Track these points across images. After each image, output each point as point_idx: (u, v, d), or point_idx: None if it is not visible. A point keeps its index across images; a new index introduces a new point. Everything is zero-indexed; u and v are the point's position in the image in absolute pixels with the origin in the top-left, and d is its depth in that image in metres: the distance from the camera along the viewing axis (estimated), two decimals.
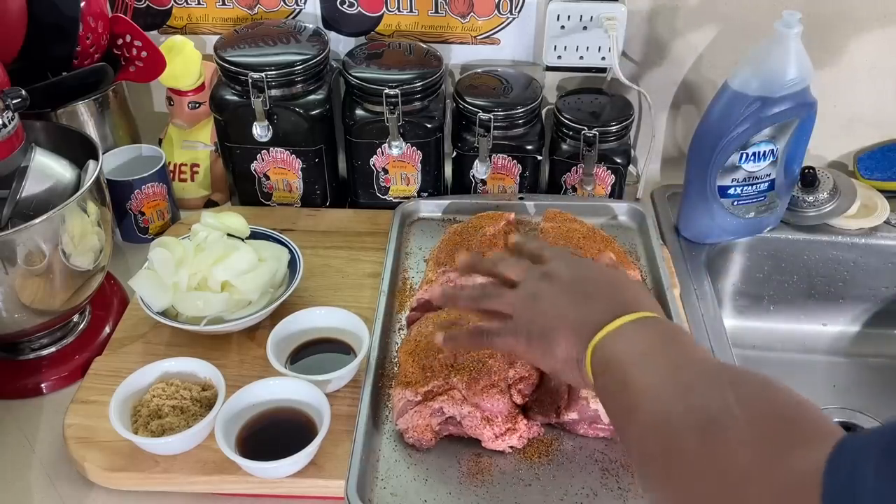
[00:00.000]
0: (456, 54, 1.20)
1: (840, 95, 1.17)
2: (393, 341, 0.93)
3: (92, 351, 0.94)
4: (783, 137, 1.04)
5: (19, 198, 0.85)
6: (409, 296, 0.98)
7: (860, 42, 1.14)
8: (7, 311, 0.85)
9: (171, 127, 1.18)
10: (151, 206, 1.10)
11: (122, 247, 1.12)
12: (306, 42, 1.09)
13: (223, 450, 0.76)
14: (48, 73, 1.01)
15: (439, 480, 0.78)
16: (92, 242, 0.88)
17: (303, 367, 0.89)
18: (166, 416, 0.81)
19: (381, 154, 1.10)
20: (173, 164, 1.17)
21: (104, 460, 0.80)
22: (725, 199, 1.08)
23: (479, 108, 1.06)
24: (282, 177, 1.13)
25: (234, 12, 1.18)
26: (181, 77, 1.13)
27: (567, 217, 1.00)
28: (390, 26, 1.18)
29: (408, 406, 0.80)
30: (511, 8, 1.15)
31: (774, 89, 0.98)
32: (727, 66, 1.05)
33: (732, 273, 1.18)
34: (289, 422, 0.82)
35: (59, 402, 0.89)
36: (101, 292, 0.95)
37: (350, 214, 1.15)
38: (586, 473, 0.79)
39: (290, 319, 0.91)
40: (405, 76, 1.06)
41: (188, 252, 0.94)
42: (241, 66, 1.04)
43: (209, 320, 0.91)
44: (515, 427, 0.79)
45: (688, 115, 1.23)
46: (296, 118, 1.07)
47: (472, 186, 1.14)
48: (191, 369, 0.86)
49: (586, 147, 1.07)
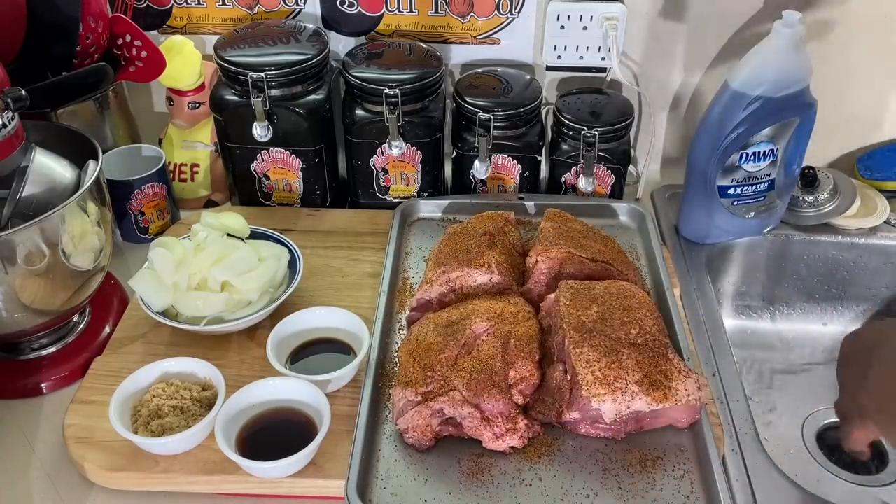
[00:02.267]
0: (456, 54, 1.20)
1: (840, 95, 1.17)
2: (393, 341, 0.93)
3: (92, 351, 0.94)
4: (783, 137, 1.04)
5: (19, 198, 0.85)
6: (409, 296, 0.98)
7: (860, 42, 1.14)
8: (7, 311, 0.85)
9: (171, 127, 1.18)
10: (151, 206, 1.10)
11: (122, 247, 1.12)
12: (306, 42, 1.09)
13: (223, 450, 0.76)
14: (48, 73, 1.01)
15: (439, 480, 0.78)
16: (92, 242, 0.88)
17: (303, 367, 0.89)
18: (166, 416, 0.81)
19: (381, 154, 1.10)
20: (173, 164, 1.17)
21: (104, 460, 0.80)
22: (725, 199, 1.08)
23: (479, 108, 1.06)
24: (282, 177, 1.13)
25: (234, 12, 1.18)
26: (181, 77, 1.13)
27: (567, 217, 1.00)
28: (390, 26, 1.18)
29: (408, 406, 0.80)
30: (511, 8, 1.15)
31: (774, 89, 0.98)
32: (727, 66, 1.05)
33: (732, 273, 1.18)
34: (289, 422, 0.82)
35: (59, 402, 0.89)
36: (101, 292, 0.95)
37: (350, 214, 1.15)
38: (587, 473, 0.79)
39: (290, 319, 0.91)
40: (405, 76, 1.06)
41: (188, 252, 0.94)
42: (241, 66, 1.04)
43: (209, 320, 0.91)
44: (516, 427, 0.79)
45: (688, 115, 1.23)
46: (296, 118, 1.07)
47: (472, 186, 1.14)
48: (191, 369, 0.86)
49: (586, 147, 1.07)
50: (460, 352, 0.82)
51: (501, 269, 0.92)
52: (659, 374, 0.78)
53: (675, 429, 0.82)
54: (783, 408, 1.11)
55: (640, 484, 0.78)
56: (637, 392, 0.76)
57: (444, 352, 0.81)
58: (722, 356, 0.96)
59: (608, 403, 0.76)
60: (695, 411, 0.81)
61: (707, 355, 0.96)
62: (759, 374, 1.15)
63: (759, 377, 1.15)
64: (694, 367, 0.87)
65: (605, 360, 0.78)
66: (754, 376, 1.15)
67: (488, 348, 0.81)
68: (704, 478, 0.78)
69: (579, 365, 0.78)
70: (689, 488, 0.77)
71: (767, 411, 1.10)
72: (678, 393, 0.77)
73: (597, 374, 0.77)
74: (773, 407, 1.11)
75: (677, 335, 0.90)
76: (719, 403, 0.90)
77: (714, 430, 0.81)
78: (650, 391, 0.77)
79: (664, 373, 0.78)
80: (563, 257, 0.93)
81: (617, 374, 0.77)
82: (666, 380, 0.78)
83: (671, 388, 0.77)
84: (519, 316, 0.85)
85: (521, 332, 0.83)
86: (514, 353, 0.81)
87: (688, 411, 0.81)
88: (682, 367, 0.79)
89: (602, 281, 0.89)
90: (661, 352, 0.80)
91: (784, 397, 1.12)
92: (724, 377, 0.94)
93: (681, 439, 0.82)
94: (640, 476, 0.78)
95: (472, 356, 0.81)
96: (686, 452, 0.81)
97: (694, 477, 0.78)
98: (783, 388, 1.14)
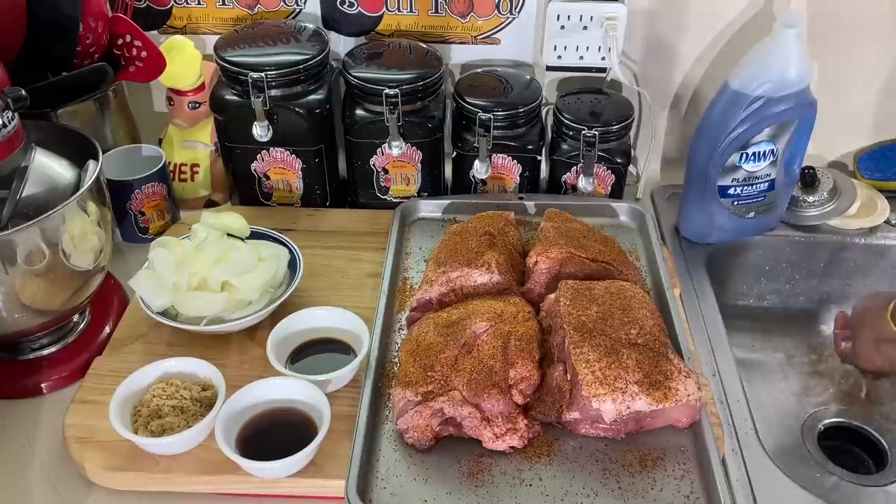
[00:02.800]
0: (456, 54, 1.20)
1: (840, 95, 1.17)
2: (393, 341, 0.93)
3: (92, 351, 0.94)
4: (783, 137, 1.04)
5: (19, 198, 0.85)
6: (409, 296, 0.98)
7: (860, 42, 1.14)
8: (7, 311, 0.85)
9: (171, 127, 1.18)
10: (151, 206, 1.10)
11: (122, 247, 1.12)
12: (306, 42, 1.09)
13: (223, 450, 0.76)
14: (48, 73, 1.01)
15: (439, 480, 0.78)
16: (92, 242, 0.88)
17: (303, 367, 0.89)
18: (166, 416, 0.81)
19: (381, 154, 1.10)
20: (173, 164, 1.17)
21: (104, 460, 0.80)
22: (725, 199, 1.08)
23: (479, 108, 1.06)
24: (282, 177, 1.13)
25: (234, 12, 1.18)
26: (181, 77, 1.13)
27: (567, 217, 1.00)
28: (390, 26, 1.18)
29: (408, 406, 0.80)
30: (511, 8, 1.15)
31: (774, 89, 0.98)
32: (727, 66, 1.05)
33: (732, 273, 1.18)
34: (289, 422, 0.82)
35: (59, 402, 0.89)
36: (101, 292, 0.95)
37: (350, 214, 1.15)
38: (587, 473, 0.79)
39: (290, 319, 0.91)
40: (405, 76, 1.06)
41: (188, 252, 0.94)
42: (241, 66, 1.04)
43: (209, 320, 0.91)
44: (516, 427, 0.79)
45: (688, 115, 1.23)
46: (296, 118, 1.07)
47: (472, 186, 1.14)
48: (191, 369, 0.86)
49: (586, 147, 1.07)
50: (460, 352, 0.82)
51: (501, 269, 0.92)
52: (659, 374, 0.78)
53: (675, 429, 0.82)
54: (783, 408, 1.11)
55: (640, 484, 0.78)
56: (637, 392, 0.76)
57: (445, 352, 0.81)
58: (722, 356, 0.97)
59: (608, 403, 0.76)
60: (695, 411, 0.81)
61: (707, 355, 0.96)
62: (759, 374, 1.15)
63: (759, 377, 1.15)
64: (694, 367, 0.87)
65: (606, 360, 0.78)
66: (754, 376, 1.15)
67: (488, 348, 0.81)
68: (704, 478, 0.78)
69: (579, 365, 0.78)
70: (689, 488, 0.77)
71: (767, 411, 1.10)
72: (678, 393, 0.77)
73: (597, 374, 0.77)
74: (773, 407, 1.11)
75: (677, 335, 0.90)
76: (719, 403, 0.90)
77: (714, 430, 0.81)
78: (650, 391, 0.77)
79: (664, 373, 0.78)
80: (563, 257, 0.93)
81: (617, 374, 0.77)
82: (666, 380, 0.78)
83: (671, 388, 0.77)
84: (519, 316, 0.85)
85: (521, 332, 0.83)
86: (514, 353, 0.81)
87: (688, 411, 0.81)
88: (682, 367, 0.79)
89: (602, 281, 0.89)
90: (661, 352, 0.80)
91: (784, 397, 1.12)
92: (724, 377, 0.94)
93: (681, 439, 0.82)
94: (640, 476, 0.78)
95: (473, 356, 0.81)
96: (686, 452, 0.81)
97: (694, 477, 0.78)
98: (783, 388, 1.14)
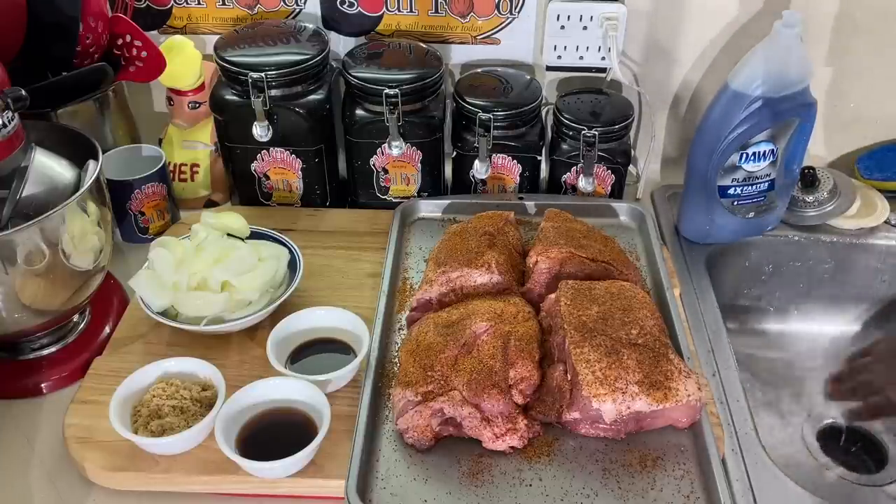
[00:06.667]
0: (456, 54, 1.20)
1: (840, 95, 1.17)
2: (393, 341, 0.93)
3: (92, 351, 0.94)
4: (783, 137, 1.04)
5: (19, 198, 0.85)
6: (409, 296, 0.98)
7: (860, 42, 1.14)
8: (7, 311, 0.85)
9: (171, 127, 1.18)
10: (151, 206, 1.10)
11: (122, 247, 1.12)
12: (306, 42, 1.09)
13: (223, 450, 0.76)
14: (48, 73, 1.01)
15: (439, 480, 0.78)
16: (92, 242, 0.88)
17: (303, 367, 0.89)
18: (166, 416, 0.81)
19: (381, 154, 1.10)
20: (173, 164, 1.17)
21: (104, 460, 0.80)
22: (725, 199, 1.08)
23: (479, 108, 1.06)
24: (282, 177, 1.13)
25: (234, 12, 1.18)
26: (181, 77, 1.13)
27: (567, 217, 1.00)
28: (390, 26, 1.18)
29: (408, 406, 0.80)
30: (511, 8, 1.15)
31: (774, 89, 0.98)
32: (727, 66, 1.05)
33: (732, 273, 1.18)
34: (289, 422, 0.82)
35: (59, 402, 0.89)
36: (101, 292, 0.95)
37: (350, 214, 1.15)
38: (587, 473, 0.79)
39: (290, 319, 0.91)
40: (405, 76, 1.06)
41: (188, 252, 0.94)
42: (241, 66, 1.04)
43: (209, 320, 0.91)
44: (516, 427, 0.79)
45: (688, 116, 1.23)
46: (296, 118, 1.07)
47: (472, 186, 1.14)
48: (191, 369, 0.86)
49: (586, 147, 1.07)
50: (460, 352, 0.82)
51: (501, 269, 0.92)
52: (659, 375, 0.78)
53: (675, 429, 0.82)
54: (783, 408, 1.11)
55: (640, 484, 0.78)
56: (637, 392, 0.76)
57: (444, 352, 0.81)
58: (722, 356, 0.96)
59: (608, 403, 0.76)
60: (695, 411, 0.81)
61: (707, 355, 0.96)
62: (758, 375, 1.15)
63: (759, 377, 1.15)
64: (694, 367, 0.87)
65: (606, 361, 0.78)
66: (754, 376, 1.15)
67: (488, 348, 0.81)
68: (704, 478, 0.78)
69: (580, 365, 0.78)
70: (689, 488, 0.77)
71: (767, 411, 1.10)
72: (678, 393, 0.77)
73: (597, 374, 0.77)
74: (773, 407, 1.11)
75: (677, 335, 0.90)
76: (719, 403, 0.90)
77: (714, 430, 0.81)
78: (650, 391, 0.77)
79: (664, 373, 0.78)
80: (563, 257, 0.93)
81: (617, 375, 0.77)
82: (666, 380, 0.78)
83: (671, 389, 0.77)
84: (519, 316, 0.85)
85: (521, 332, 0.83)
86: (514, 353, 0.81)
87: (688, 411, 0.81)
88: (682, 368, 0.79)
89: (602, 281, 0.89)
90: (661, 352, 0.80)
91: (784, 397, 1.12)
92: (724, 377, 0.94)
93: (681, 439, 0.82)
94: (640, 476, 0.78)
95: (473, 356, 0.81)
96: (686, 452, 0.81)
97: (694, 477, 0.78)
98: (783, 388, 1.14)
